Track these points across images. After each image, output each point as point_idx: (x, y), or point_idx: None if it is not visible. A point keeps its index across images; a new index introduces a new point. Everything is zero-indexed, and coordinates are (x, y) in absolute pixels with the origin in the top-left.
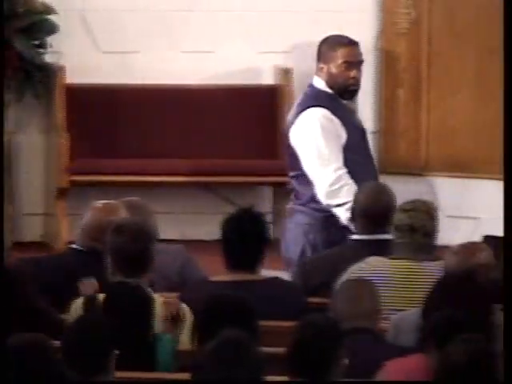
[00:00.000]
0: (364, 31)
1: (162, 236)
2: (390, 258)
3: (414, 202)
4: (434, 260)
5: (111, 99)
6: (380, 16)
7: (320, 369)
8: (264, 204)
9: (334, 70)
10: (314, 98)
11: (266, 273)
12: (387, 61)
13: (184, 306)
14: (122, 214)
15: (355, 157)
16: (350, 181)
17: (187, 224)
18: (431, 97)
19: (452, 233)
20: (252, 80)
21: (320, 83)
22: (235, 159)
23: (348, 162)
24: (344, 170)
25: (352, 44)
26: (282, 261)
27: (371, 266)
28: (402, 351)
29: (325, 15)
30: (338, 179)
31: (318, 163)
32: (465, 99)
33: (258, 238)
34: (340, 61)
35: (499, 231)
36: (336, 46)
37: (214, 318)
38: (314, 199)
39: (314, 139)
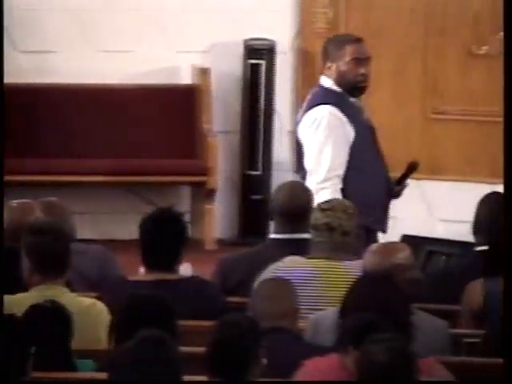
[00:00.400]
0: (282, 31)
1: (82, 236)
2: (308, 258)
3: (331, 201)
4: (352, 259)
5: (31, 99)
6: (298, 16)
7: (239, 368)
8: (182, 204)
9: (343, 67)
10: (322, 97)
11: None
12: (304, 60)
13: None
14: (38, 214)
15: (364, 154)
16: (338, 186)
17: (107, 224)
18: None
19: None
20: (170, 79)
21: (327, 82)
22: (154, 159)
23: (357, 160)
24: (337, 173)
25: (359, 41)
26: (202, 259)
27: (289, 266)
28: (320, 350)
29: (242, 15)
30: (328, 179)
31: (314, 159)
32: (382, 99)
33: (177, 238)
34: (349, 58)
35: (417, 230)
36: (343, 43)
37: (133, 317)
38: None
39: (317, 135)
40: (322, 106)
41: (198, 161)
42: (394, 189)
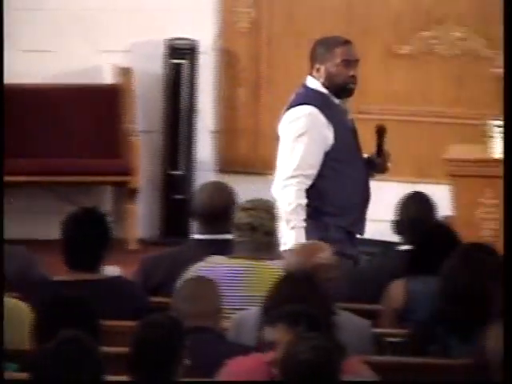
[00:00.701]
0: (204, 30)
1: (5, 236)
2: (231, 257)
3: (254, 201)
4: (274, 259)
5: None
6: (220, 15)
7: (162, 368)
8: (105, 203)
9: (332, 69)
10: (305, 97)
11: None
12: (227, 60)
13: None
14: None
15: (344, 157)
16: (303, 186)
17: (30, 224)
18: (271, 96)
19: None
20: (93, 79)
21: (314, 83)
22: (76, 158)
23: (336, 162)
24: (305, 173)
25: (348, 43)
26: (124, 259)
27: (212, 265)
28: (244, 350)
29: (164, 14)
30: (295, 178)
31: (285, 156)
32: None
33: (100, 238)
34: (338, 60)
35: None
36: (333, 45)
37: (54, 317)
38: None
39: (292, 134)
40: (304, 105)
41: (121, 160)
42: (377, 163)
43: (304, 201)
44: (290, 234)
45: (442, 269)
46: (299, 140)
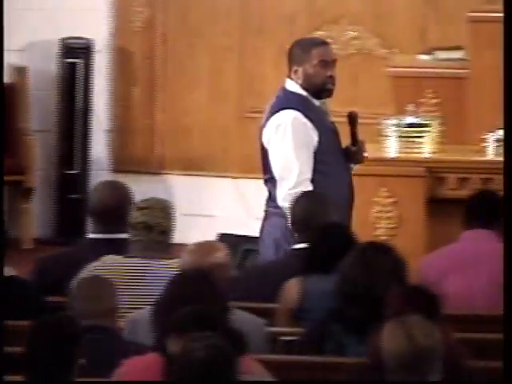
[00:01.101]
0: (99, 29)
1: None
2: (126, 257)
3: (149, 200)
4: (169, 258)
5: None
6: (115, 14)
7: (55, 368)
8: None
9: (310, 70)
10: (287, 101)
11: None
12: (121, 59)
13: None
14: None
15: (328, 158)
16: (310, 188)
17: None
18: (166, 95)
19: (188, 231)
20: None
21: (293, 86)
22: None
23: (321, 164)
24: (306, 177)
25: (325, 44)
26: (19, 259)
27: (107, 265)
28: (139, 349)
29: (59, 13)
30: (299, 184)
31: (283, 165)
32: (199, 98)
33: None
34: (316, 60)
35: (233, 229)
36: (310, 46)
37: None
38: None
39: (283, 142)
40: (286, 110)
41: (15, 160)
42: (353, 153)
43: None
44: None
45: (339, 268)
46: (294, 147)
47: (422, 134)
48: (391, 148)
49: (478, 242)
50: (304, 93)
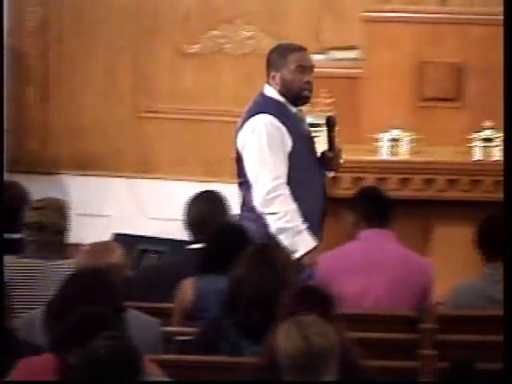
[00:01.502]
0: None
1: None
2: (20, 257)
3: (44, 200)
4: (64, 258)
5: None
6: (8, 13)
7: None
8: None
9: (287, 75)
10: (263, 105)
11: None
12: (16, 59)
13: None
14: None
15: (301, 165)
16: (287, 191)
17: None
18: (61, 95)
19: (83, 231)
20: None
21: (270, 91)
22: None
23: (294, 170)
24: (282, 180)
25: (302, 49)
26: None
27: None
28: (35, 350)
29: None
30: (276, 188)
31: (259, 170)
32: (94, 98)
33: None
34: (293, 66)
35: (129, 229)
36: (287, 52)
37: None
38: None
39: (258, 146)
40: (261, 114)
41: None
42: (329, 159)
43: (294, 205)
44: (298, 240)
45: (233, 268)
46: (269, 152)
47: (317, 134)
48: None
49: (376, 241)
50: (281, 98)
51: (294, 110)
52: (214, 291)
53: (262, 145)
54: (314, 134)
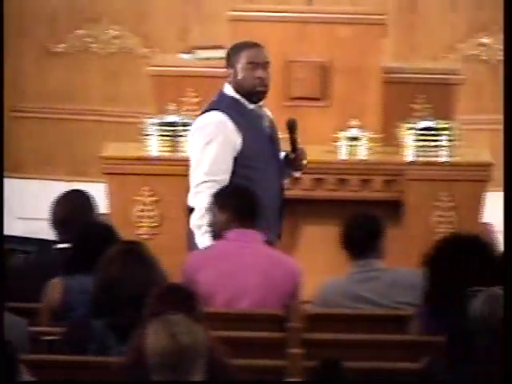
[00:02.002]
0: None
1: None
2: None
3: None
4: None
5: None
6: None
7: None
8: None
9: (240, 72)
10: (216, 103)
11: None
12: None
13: None
14: None
15: (253, 163)
16: (212, 190)
17: None
18: None
19: None
20: None
21: (228, 89)
22: None
23: (245, 168)
24: (214, 178)
25: (256, 46)
26: None
27: None
28: None
29: None
30: (202, 183)
31: (194, 164)
32: None
33: None
34: (245, 62)
35: None
36: (240, 49)
37: None
38: None
39: (200, 141)
40: (212, 112)
41: None
42: (291, 160)
43: (209, 198)
44: (204, 239)
45: (98, 267)
46: (207, 147)
47: (183, 133)
48: (153, 147)
49: (244, 242)
50: (236, 95)
51: (251, 106)
52: (81, 291)
53: (203, 141)
54: (178, 134)
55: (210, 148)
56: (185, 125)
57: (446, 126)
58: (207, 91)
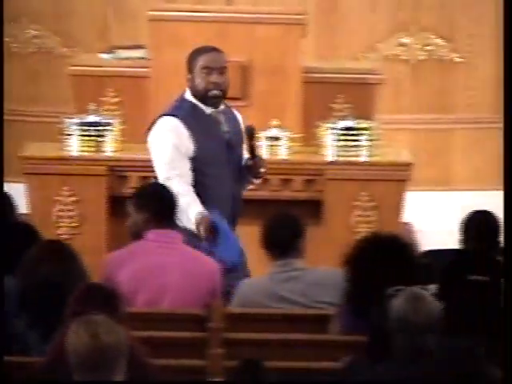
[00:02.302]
0: None
1: None
2: None
3: None
4: None
5: None
6: None
7: None
8: None
9: (196, 77)
10: (173, 108)
11: None
12: None
13: None
14: None
15: (207, 169)
16: (178, 178)
17: None
18: None
19: None
20: None
21: (187, 94)
22: None
23: (199, 174)
24: (172, 180)
25: (212, 50)
26: None
27: None
28: None
29: None
30: (167, 179)
31: (156, 165)
32: None
33: None
34: (200, 67)
35: None
36: (197, 54)
37: None
38: None
39: (155, 147)
40: (166, 117)
41: None
42: (250, 167)
43: (183, 186)
44: (193, 207)
45: (23, 266)
46: (161, 152)
47: (104, 133)
48: (73, 147)
49: (163, 242)
50: (194, 100)
51: (208, 111)
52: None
53: (161, 145)
54: (97, 133)
55: (167, 152)
56: (105, 124)
57: (365, 125)
58: (127, 91)
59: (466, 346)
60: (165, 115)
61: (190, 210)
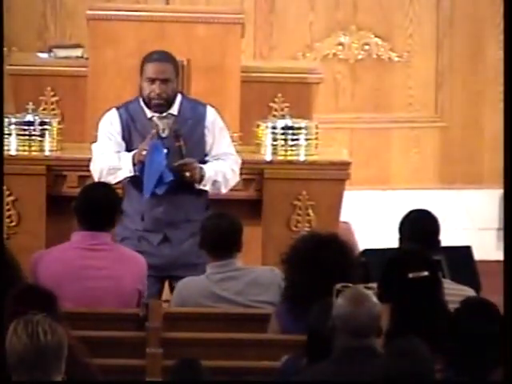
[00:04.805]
0: None
1: None
2: None
3: None
4: None
5: None
6: None
7: None
8: None
9: (142, 82)
10: (124, 103)
11: None
12: None
13: None
14: None
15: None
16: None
17: None
18: None
19: None
20: None
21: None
22: None
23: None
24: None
25: (157, 61)
26: None
27: None
28: None
29: None
30: (97, 155)
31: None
32: None
33: None
34: (145, 76)
35: None
36: (146, 60)
37: None
38: None
39: (99, 130)
40: (113, 109)
41: None
42: (173, 168)
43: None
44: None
45: None
46: (98, 137)
47: (42, 132)
48: (11, 146)
49: (88, 243)
50: (141, 102)
51: (149, 115)
52: None
53: (100, 132)
54: (35, 132)
55: (100, 140)
56: (43, 124)
57: (304, 125)
58: (66, 90)
59: (408, 344)
60: (115, 107)
61: (123, 158)
